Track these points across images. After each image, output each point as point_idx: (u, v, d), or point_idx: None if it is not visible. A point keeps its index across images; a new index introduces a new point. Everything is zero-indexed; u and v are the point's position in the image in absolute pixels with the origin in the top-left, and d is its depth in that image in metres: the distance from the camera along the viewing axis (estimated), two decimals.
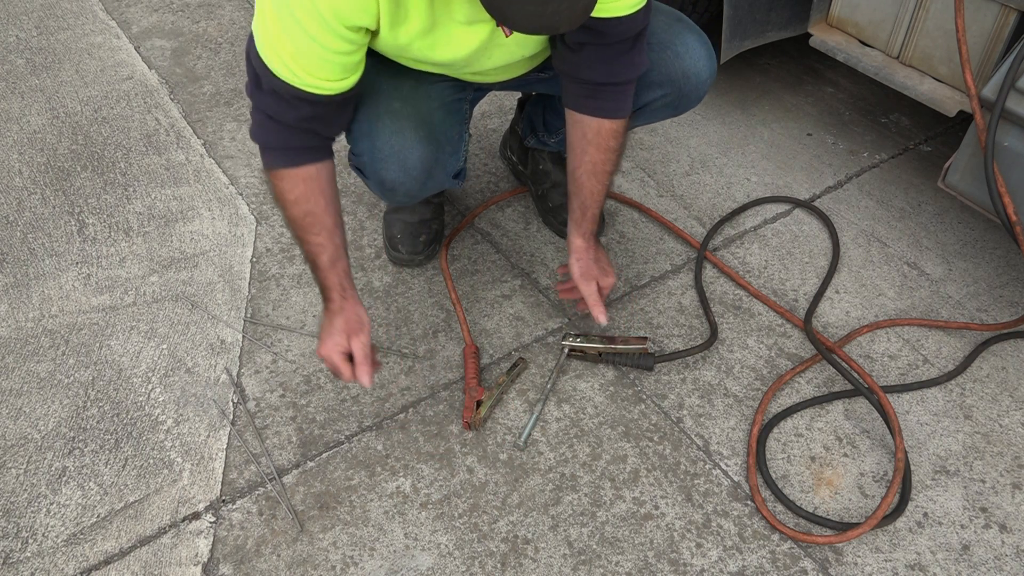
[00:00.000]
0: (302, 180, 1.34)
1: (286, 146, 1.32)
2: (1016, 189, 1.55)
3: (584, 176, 1.53)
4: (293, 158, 1.33)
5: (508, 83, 1.67)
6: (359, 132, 1.46)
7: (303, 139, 1.33)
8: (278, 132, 1.31)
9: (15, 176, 2.11)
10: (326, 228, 1.38)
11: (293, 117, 1.29)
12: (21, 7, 2.78)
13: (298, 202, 1.35)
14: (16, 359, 1.67)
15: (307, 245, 1.39)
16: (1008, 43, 1.66)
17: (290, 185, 1.34)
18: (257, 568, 1.36)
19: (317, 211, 1.37)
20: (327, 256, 1.40)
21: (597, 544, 1.40)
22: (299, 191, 1.35)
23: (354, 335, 1.41)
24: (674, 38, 1.51)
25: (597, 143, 1.48)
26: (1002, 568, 1.38)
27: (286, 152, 1.33)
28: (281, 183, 1.35)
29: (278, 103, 1.27)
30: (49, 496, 1.45)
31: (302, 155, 1.34)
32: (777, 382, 1.63)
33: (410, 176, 1.47)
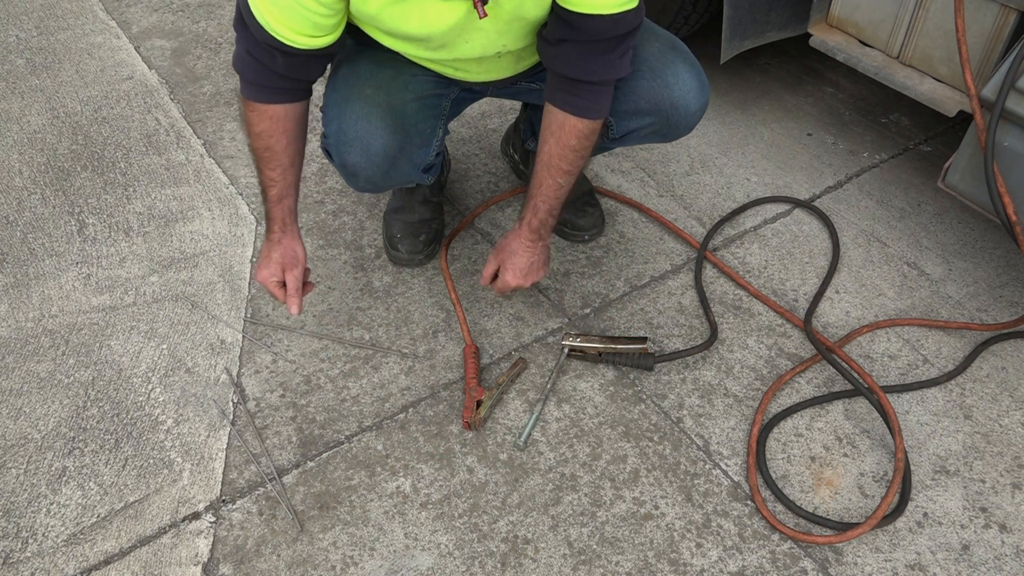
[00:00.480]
0: (268, 117, 1.40)
1: (261, 83, 1.37)
2: (1016, 189, 1.55)
3: (539, 166, 1.51)
4: (266, 95, 1.39)
5: (500, 90, 1.67)
6: (330, 115, 1.49)
7: (278, 80, 1.37)
8: (256, 69, 1.36)
9: (15, 176, 2.11)
10: (281, 165, 1.45)
11: (267, 60, 1.33)
12: (21, 7, 2.78)
13: (260, 135, 1.42)
14: (16, 359, 1.67)
15: (262, 175, 1.47)
16: (1008, 43, 1.66)
17: (256, 118, 1.41)
18: (257, 568, 1.36)
19: (276, 148, 1.43)
20: (276, 191, 1.48)
21: (597, 544, 1.40)
22: (264, 126, 1.41)
23: (288, 269, 1.51)
24: (666, 67, 1.50)
25: (558, 137, 1.46)
26: (1002, 568, 1.38)
27: (260, 88, 1.38)
28: (250, 114, 1.41)
29: (255, 44, 1.32)
30: (49, 496, 1.45)
31: (274, 94, 1.39)
32: (777, 382, 1.63)
33: (372, 162, 1.48)
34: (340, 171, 1.55)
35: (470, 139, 2.24)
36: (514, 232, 1.60)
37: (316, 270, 1.87)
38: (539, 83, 1.63)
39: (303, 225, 1.98)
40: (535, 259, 1.60)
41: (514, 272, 1.59)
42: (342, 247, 1.92)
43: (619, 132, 1.59)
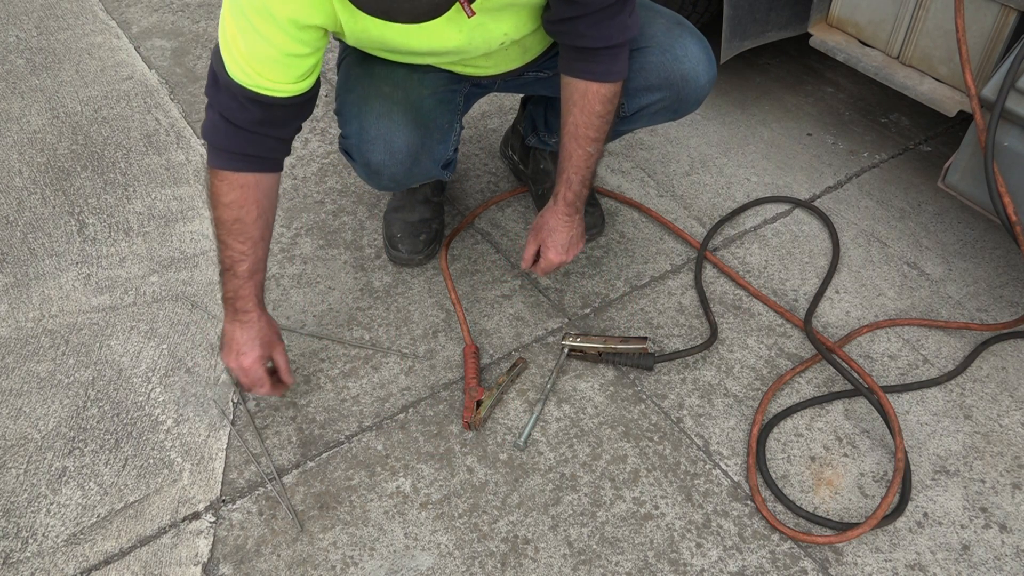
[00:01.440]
0: (239, 186, 1.33)
1: (234, 150, 1.31)
2: (1016, 189, 1.55)
3: (566, 139, 1.49)
4: (237, 163, 1.32)
5: (508, 83, 1.66)
6: (349, 114, 1.47)
7: (253, 146, 1.32)
8: (229, 135, 1.30)
9: (15, 176, 2.11)
10: (251, 239, 1.37)
11: (244, 119, 1.28)
12: (21, 7, 2.78)
13: (230, 206, 1.34)
14: (16, 359, 1.67)
15: (228, 250, 1.37)
16: (1008, 43, 1.66)
17: (227, 188, 1.33)
18: (257, 568, 1.36)
19: (247, 220, 1.35)
20: (247, 266, 1.39)
21: (597, 544, 1.40)
22: (234, 196, 1.33)
23: (275, 347, 1.46)
24: (674, 42, 1.51)
25: (582, 105, 1.44)
26: (1002, 568, 1.38)
27: (232, 156, 1.32)
28: (220, 184, 1.33)
29: (231, 103, 1.27)
30: (49, 496, 1.45)
31: (247, 162, 1.33)
32: (777, 382, 1.63)
33: (395, 159, 1.47)
34: (362, 170, 1.53)
35: (470, 139, 2.24)
36: (550, 209, 1.57)
37: (316, 270, 1.87)
38: (547, 71, 1.63)
39: (303, 225, 1.98)
40: (574, 233, 1.59)
41: (556, 250, 1.57)
42: (342, 247, 1.92)
43: (630, 110, 1.59)
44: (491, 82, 1.64)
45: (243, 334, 1.42)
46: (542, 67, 1.62)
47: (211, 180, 1.34)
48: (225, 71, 1.24)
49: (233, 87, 1.25)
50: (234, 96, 1.26)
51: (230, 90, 1.25)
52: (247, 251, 1.38)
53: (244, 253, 1.38)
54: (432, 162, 1.55)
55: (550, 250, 1.58)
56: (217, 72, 1.26)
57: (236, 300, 1.42)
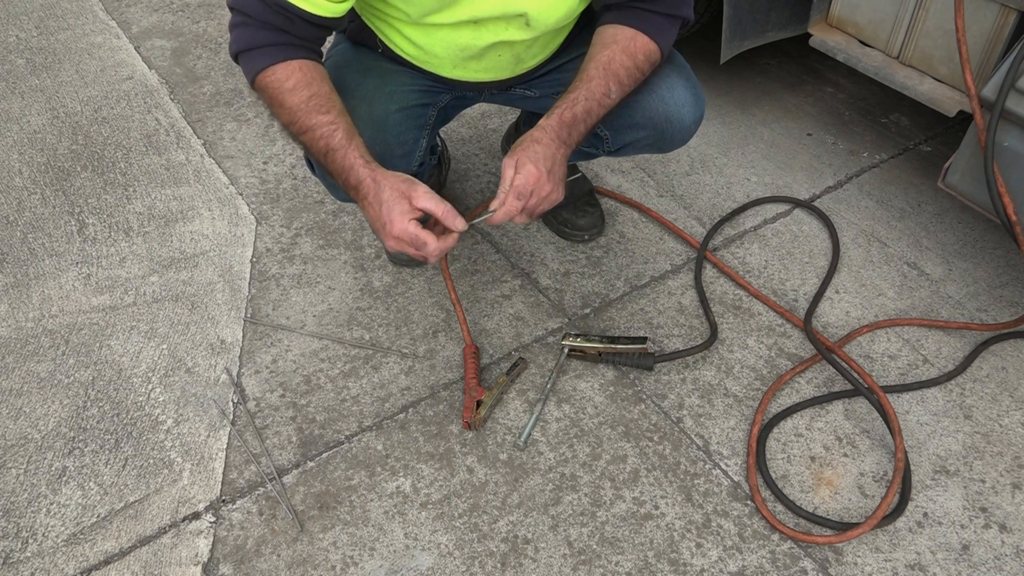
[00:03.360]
0: (298, 68, 1.25)
1: (270, 42, 1.23)
2: (1016, 189, 1.55)
3: (591, 64, 1.32)
4: (283, 52, 1.24)
5: (494, 96, 1.66)
6: None
7: (291, 39, 1.26)
8: (258, 28, 1.23)
9: (15, 176, 2.11)
10: (334, 107, 1.25)
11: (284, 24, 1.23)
12: (21, 7, 2.78)
13: (296, 88, 1.23)
14: (16, 359, 1.67)
15: (316, 130, 1.24)
16: (1008, 43, 1.66)
17: (285, 74, 1.23)
18: (257, 568, 1.36)
19: (322, 92, 1.25)
20: (341, 132, 1.24)
21: (597, 544, 1.40)
22: (297, 77, 1.24)
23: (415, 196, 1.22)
24: (661, 81, 1.48)
25: (625, 46, 1.31)
26: (1002, 568, 1.38)
27: (275, 49, 1.24)
28: (274, 76, 1.23)
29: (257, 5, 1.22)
30: (49, 496, 1.45)
31: (291, 51, 1.25)
32: (777, 382, 1.63)
33: None
34: (321, 181, 1.52)
35: (470, 139, 2.24)
36: (537, 127, 1.31)
37: (316, 270, 1.87)
38: (533, 90, 1.62)
39: (303, 225, 1.98)
40: (557, 160, 1.29)
41: (536, 163, 1.26)
42: (342, 247, 1.92)
43: (615, 145, 1.59)
44: (475, 95, 1.63)
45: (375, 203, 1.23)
46: (529, 85, 1.62)
47: (265, 83, 1.25)
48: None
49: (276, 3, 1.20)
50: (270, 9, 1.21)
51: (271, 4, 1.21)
52: (334, 119, 1.24)
53: (332, 122, 1.24)
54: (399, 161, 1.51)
55: (529, 163, 1.26)
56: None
57: (349, 176, 1.25)
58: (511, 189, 1.25)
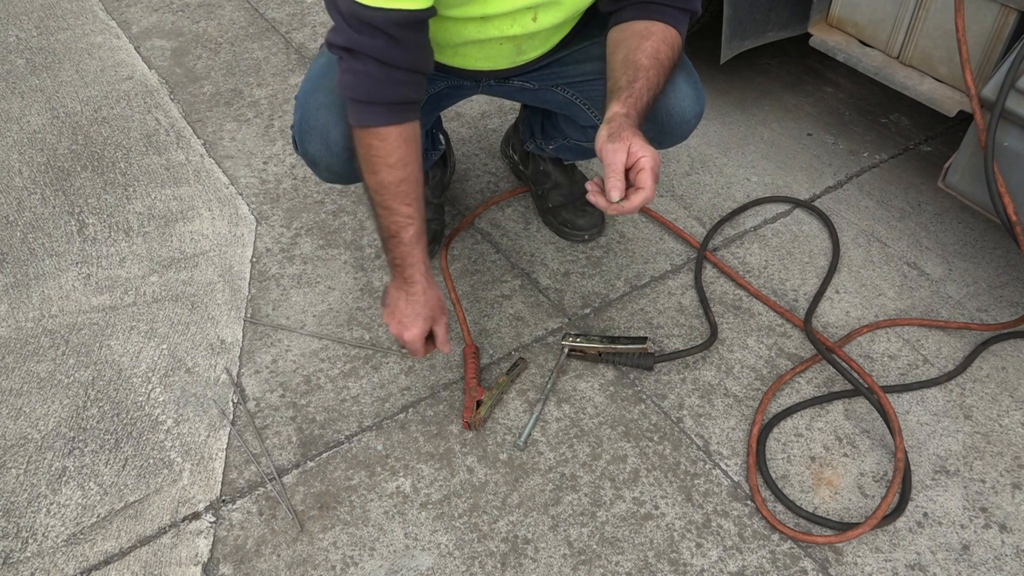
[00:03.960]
0: (404, 141, 1.27)
1: (393, 100, 1.25)
2: (1016, 189, 1.55)
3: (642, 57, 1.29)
4: (398, 114, 1.26)
5: (492, 87, 1.65)
6: (297, 103, 1.46)
7: (407, 88, 1.26)
8: (385, 81, 1.24)
9: (15, 176, 2.11)
10: (416, 199, 1.31)
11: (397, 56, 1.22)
12: (21, 7, 2.78)
13: (395, 166, 1.27)
14: (16, 359, 1.67)
15: (393, 215, 1.30)
16: (1008, 43, 1.66)
17: (391, 147, 1.27)
18: (257, 568, 1.36)
19: (412, 178, 1.30)
20: (413, 231, 1.33)
21: (597, 544, 1.40)
22: (400, 153, 1.27)
23: (438, 320, 1.41)
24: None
25: (663, 37, 1.32)
26: (1002, 568, 1.38)
27: (392, 108, 1.26)
28: (382, 144, 1.26)
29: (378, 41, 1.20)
30: (49, 496, 1.45)
31: (407, 111, 1.27)
32: (777, 382, 1.63)
33: (331, 152, 1.43)
34: (303, 159, 1.50)
35: (470, 139, 2.24)
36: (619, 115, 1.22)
37: (316, 270, 1.87)
38: (533, 83, 1.62)
39: (303, 225, 1.98)
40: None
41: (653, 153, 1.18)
42: (342, 247, 1.92)
43: None
44: (474, 83, 1.62)
45: (409, 306, 1.39)
46: (527, 77, 1.62)
47: (368, 141, 1.27)
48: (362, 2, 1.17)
49: (377, 18, 1.18)
50: (379, 29, 1.20)
51: (374, 24, 1.19)
52: (413, 213, 1.31)
53: (410, 216, 1.31)
54: None
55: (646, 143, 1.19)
56: (350, 14, 1.19)
57: (404, 268, 1.36)
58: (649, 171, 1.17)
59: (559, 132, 1.77)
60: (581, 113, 1.63)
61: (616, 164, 1.17)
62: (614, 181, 1.17)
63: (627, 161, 1.18)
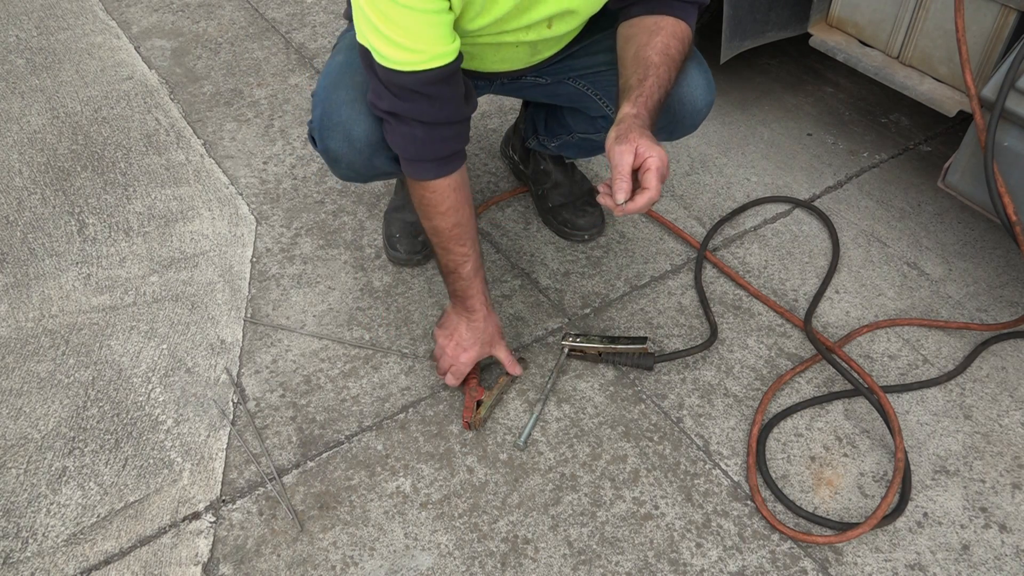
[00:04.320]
0: (453, 190, 1.36)
1: (440, 155, 1.33)
2: (1016, 189, 1.55)
3: (652, 53, 1.31)
4: (445, 167, 1.34)
5: (505, 86, 1.66)
6: (317, 98, 1.45)
7: (453, 142, 1.33)
8: (432, 140, 1.31)
9: (15, 176, 2.11)
10: (471, 239, 1.42)
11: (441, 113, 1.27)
12: (21, 7, 2.78)
13: (448, 213, 1.37)
14: (16, 359, 1.67)
15: (452, 255, 1.42)
16: (1008, 43, 1.66)
17: (441, 197, 1.36)
18: (257, 568, 1.36)
19: (464, 221, 1.39)
20: (471, 266, 1.44)
21: (597, 544, 1.40)
22: (450, 201, 1.36)
23: (497, 346, 1.55)
24: None
25: (672, 31, 1.33)
26: (1002, 568, 1.38)
27: (439, 163, 1.34)
28: (433, 195, 1.36)
29: (419, 102, 1.25)
30: (49, 496, 1.45)
31: (453, 162, 1.35)
32: (777, 382, 1.63)
33: (354, 148, 1.43)
34: (323, 157, 1.50)
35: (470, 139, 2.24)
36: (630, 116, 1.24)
37: (316, 270, 1.87)
38: (546, 77, 1.62)
39: (303, 225, 1.98)
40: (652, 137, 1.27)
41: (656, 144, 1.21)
42: (342, 247, 1.92)
43: None
44: (488, 83, 1.63)
45: (469, 332, 1.52)
46: (541, 72, 1.62)
47: (420, 193, 1.37)
48: (396, 69, 1.22)
49: (413, 81, 1.22)
50: (418, 92, 1.24)
51: (411, 88, 1.23)
52: (468, 252, 1.42)
53: (466, 255, 1.42)
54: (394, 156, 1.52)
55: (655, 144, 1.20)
56: (388, 81, 1.24)
57: (465, 299, 1.48)
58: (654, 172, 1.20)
59: (563, 128, 1.77)
60: (592, 104, 1.62)
61: (623, 166, 1.20)
62: (620, 183, 1.19)
63: (635, 162, 1.20)
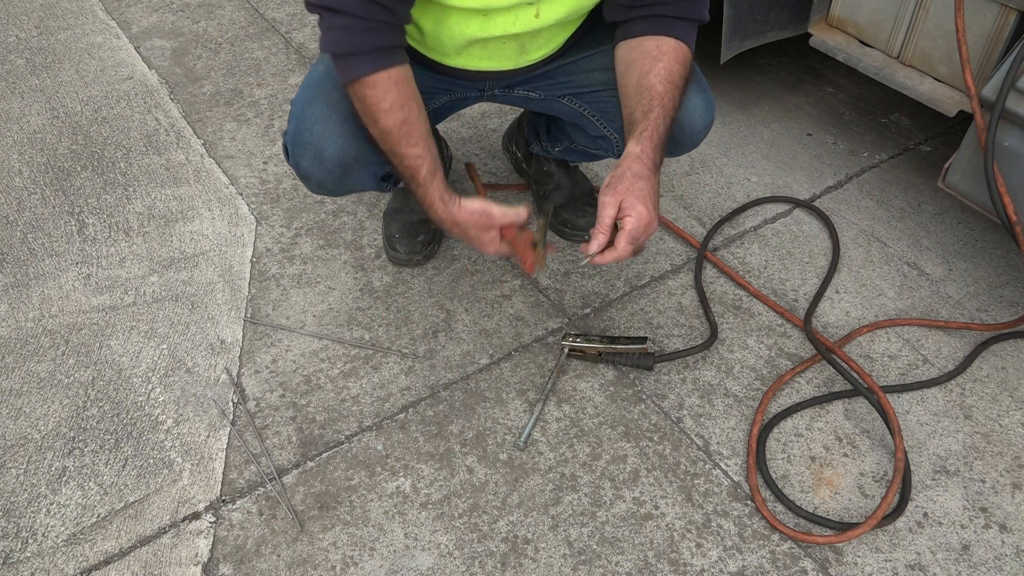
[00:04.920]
0: (395, 84, 1.28)
1: (374, 47, 1.26)
2: (1016, 189, 1.55)
3: (655, 81, 1.31)
4: (383, 59, 1.27)
5: (496, 96, 1.65)
6: (292, 113, 1.44)
7: (385, 36, 1.27)
8: (364, 31, 1.25)
9: (15, 176, 2.11)
10: (422, 136, 1.32)
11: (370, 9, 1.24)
12: (21, 7, 2.78)
13: (392, 110, 1.29)
14: (16, 359, 1.67)
15: (405, 160, 1.33)
16: (1008, 43, 1.66)
17: (383, 91, 1.28)
18: (257, 568, 1.36)
19: (412, 119, 1.31)
20: (426, 169, 1.34)
21: (597, 544, 1.40)
22: (393, 96, 1.29)
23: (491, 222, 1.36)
24: None
25: (675, 56, 1.33)
26: (1002, 568, 1.38)
27: (374, 55, 1.27)
28: (373, 91, 1.28)
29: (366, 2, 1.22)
30: (49, 496, 1.45)
31: (390, 55, 1.28)
32: (777, 382, 1.63)
33: (324, 168, 1.44)
34: (295, 171, 1.50)
35: (470, 139, 2.24)
36: (632, 156, 1.27)
37: (316, 270, 1.87)
38: (537, 92, 1.62)
39: (303, 225, 1.98)
40: (656, 190, 1.28)
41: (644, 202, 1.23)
42: (342, 247, 1.93)
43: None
44: (478, 93, 1.62)
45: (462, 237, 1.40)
46: (534, 86, 1.61)
47: (361, 93, 1.29)
48: None
49: None
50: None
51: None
52: (422, 152, 1.33)
53: (421, 156, 1.33)
54: (367, 175, 1.52)
55: (639, 204, 1.23)
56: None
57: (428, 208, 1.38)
58: (625, 233, 1.25)
59: (565, 136, 1.77)
60: (590, 124, 1.62)
61: (603, 218, 1.25)
62: (596, 235, 1.26)
63: (618, 215, 1.25)
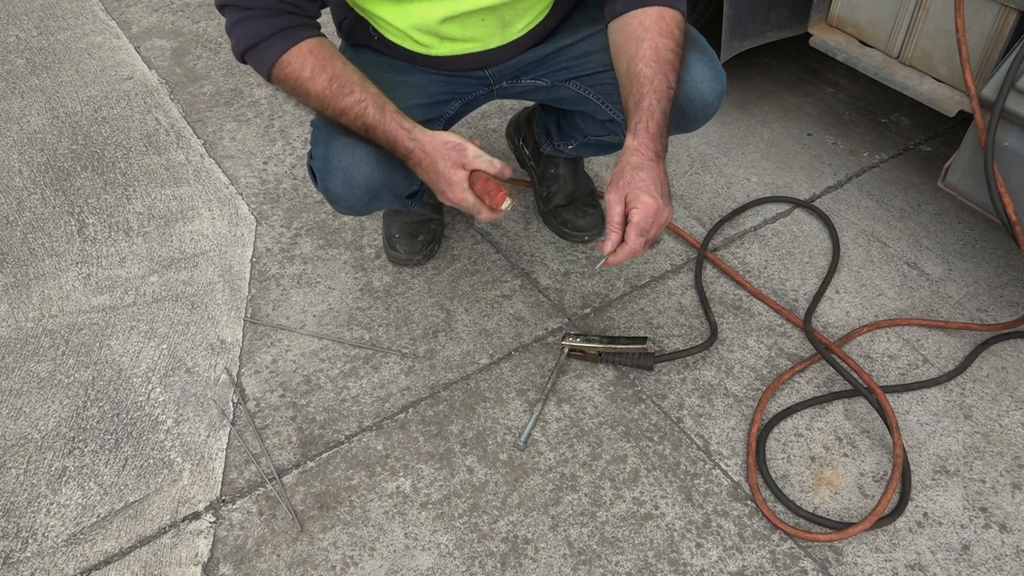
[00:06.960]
0: (309, 52, 1.27)
1: (276, 29, 1.26)
2: (1016, 189, 1.55)
3: (642, 65, 1.27)
4: (290, 37, 1.26)
5: (505, 90, 1.63)
6: (317, 136, 1.44)
7: (288, 19, 1.27)
8: (264, 21, 1.25)
9: (15, 176, 2.11)
10: (356, 84, 1.28)
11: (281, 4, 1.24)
12: (21, 7, 2.78)
13: (316, 74, 1.27)
14: (16, 359, 1.67)
15: (350, 112, 1.28)
16: (1008, 43, 1.66)
17: (300, 64, 1.27)
18: (257, 568, 1.36)
19: (339, 73, 1.27)
20: (373, 107, 1.28)
21: (597, 544, 1.40)
22: (312, 62, 1.27)
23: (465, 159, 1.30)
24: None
25: (659, 29, 1.28)
26: (1002, 568, 1.38)
27: (281, 35, 1.26)
28: (289, 67, 1.27)
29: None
30: (49, 496, 1.45)
31: (297, 32, 1.27)
32: (777, 382, 1.63)
33: (353, 193, 1.44)
34: (324, 195, 1.50)
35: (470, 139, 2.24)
36: (630, 150, 1.24)
37: (316, 270, 1.87)
38: (544, 79, 1.60)
39: (303, 225, 1.98)
40: (662, 178, 1.24)
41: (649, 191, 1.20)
42: (342, 247, 1.93)
43: None
44: (486, 91, 1.60)
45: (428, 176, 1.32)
46: (539, 74, 1.59)
47: (282, 75, 1.28)
48: None
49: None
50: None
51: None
52: (360, 96, 1.28)
53: (360, 100, 1.28)
54: (393, 196, 1.51)
55: (643, 194, 1.20)
56: None
57: (396, 148, 1.31)
58: (633, 226, 1.21)
59: (577, 130, 1.73)
60: (596, 108, 1.59)
61: (612, 216, 1.22)
62: (609, 233, 1.22)
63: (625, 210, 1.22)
